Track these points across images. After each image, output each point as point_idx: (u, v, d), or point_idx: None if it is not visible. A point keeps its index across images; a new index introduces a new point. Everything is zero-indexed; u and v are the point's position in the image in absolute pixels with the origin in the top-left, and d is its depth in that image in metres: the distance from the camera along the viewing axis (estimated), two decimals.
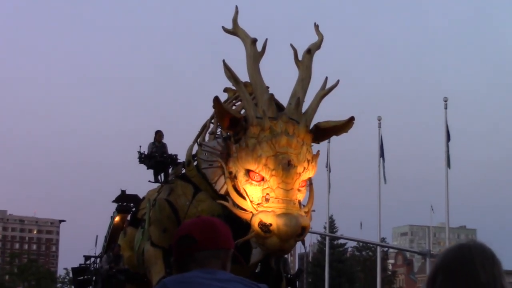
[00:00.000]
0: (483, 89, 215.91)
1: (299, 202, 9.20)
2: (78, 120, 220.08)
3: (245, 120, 9.26)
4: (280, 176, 8.86)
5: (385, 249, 59.99)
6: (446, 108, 32.12)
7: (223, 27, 10.44)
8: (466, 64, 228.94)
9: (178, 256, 3.19)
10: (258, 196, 8.88)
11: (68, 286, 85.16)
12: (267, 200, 8.83)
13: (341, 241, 64.39)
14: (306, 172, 9.23)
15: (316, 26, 10.50)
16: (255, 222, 8.81)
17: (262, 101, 9.44)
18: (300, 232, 8.78)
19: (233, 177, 9.16)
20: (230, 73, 9.61)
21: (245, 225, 9.78)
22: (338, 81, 9.98)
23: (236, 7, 10.31)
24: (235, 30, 10.31)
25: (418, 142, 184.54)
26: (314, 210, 9.57)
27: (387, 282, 68.39)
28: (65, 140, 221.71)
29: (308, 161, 9.24)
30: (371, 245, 61.44)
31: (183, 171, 10.64)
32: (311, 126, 9.49)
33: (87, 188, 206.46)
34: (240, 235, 9.73)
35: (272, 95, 9.66)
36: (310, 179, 9.62)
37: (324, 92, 9.82)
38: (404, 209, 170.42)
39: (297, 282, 12.94)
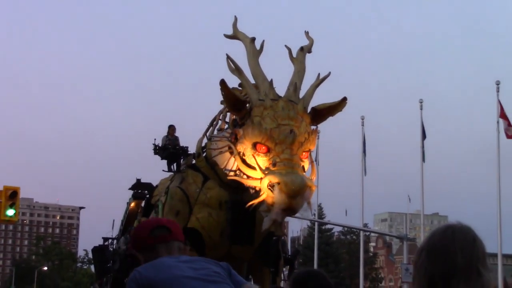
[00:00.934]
0: (455, 92, 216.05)
1: (303, 168, 8.92)
2: (98, 118, 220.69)
3: (250, 107, 9.03)
4: (284, 143, 8.60)
5: (367, 233, 59.68)
6: (421, 109, 32.02)
7: (224, 34, 10.28)
8: (440, 69, 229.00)
9: (152, 242, 3.19)
10: (266, 165, 8.62)
11: (87, 265, 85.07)
12: (274, 164, 8.54)
13: (328, 226, 64.44)
14: (307, 142, 8.94)
15: (306, 33, 10.37)
16: (264, 185, 8.48)
17: (263, 87, 9.25)
18: (306, 191, 8.40)
19: (241, 155, 8.92)
20: (233, 64, 9.41)
21: (251, 207, 9.63)
22: (329, 73, 9.74)
23: (235, 16, 10.18)
24: (235, 34, 10.12)
25: (397, 139, 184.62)
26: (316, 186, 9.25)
27: (369, 263, 68.37)
28: (85, 135, 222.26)
29: (308, 133, 8.98)
30: (354, 230, 61.42)
31: (193, 161, 10.48)
32: (309, 109, 9.27)
33: (105, 178, 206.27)
34: (245, 218, 9.58)
35: (271, 80, 9.47)
36: (311, 155, 9.29)
37: (318, 82, 9.61)
38: (384, 198, 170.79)
39: (294, 261, 12.83)
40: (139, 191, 12.66)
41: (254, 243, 9.60)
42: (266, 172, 8.47)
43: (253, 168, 8.74)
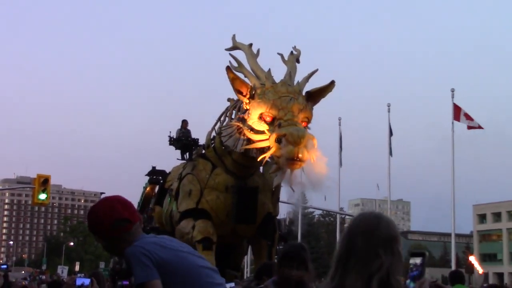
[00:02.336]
0: (418, 97, 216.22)
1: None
2: (119, 114, 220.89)
3: (253, 89, 8.67)
4: (286, 108, 8.22)
5: (343, 216, 59.80)
6: (389, 112, 31.95)
7: (225, 49, 9.87)
8: (405, 78, 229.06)
9: (117, 235, 2.70)
10: (272, 127, 8.20)
11: None
12: (279, 125, 8.13)
13: (310, 209, 64.48)
14: (305, 110, 8.51)
15: (294, 47, 10.09)
16: (272, 140, 8.03)
17: (263, 75, 8.95)
18: (309, 140, 7.93)
19: (250, 129, 8.46)
20: (235, 60, 9.11)
21: (253, 191, 9.41)
22: (317, 69, 9.33)
23: (233, 34, 9.77)
24: (234, 45, 9.80)
25: (368, 136, 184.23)
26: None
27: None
28: (107, 130, 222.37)
29: (305, 105, 8.56)
30: (332, 213, 61.38)
31: (203, 151, 10.26)
32: (303, 93, 8.90)
33: (123, 166, 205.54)
34: (248, 200, 9.36)
35: (269, 69, 9.15)
36: (308, 126, 8.76)
37: (308, 75, 9.18)
38: (357, 186, 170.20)
39: (287, 238, 12.66)
40: (154, 177, 12.41)
41: (256, 221, 9.40)
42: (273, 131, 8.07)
43: (261, 132, 8.32)
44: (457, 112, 28.21)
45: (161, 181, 12.09)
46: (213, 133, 10.04)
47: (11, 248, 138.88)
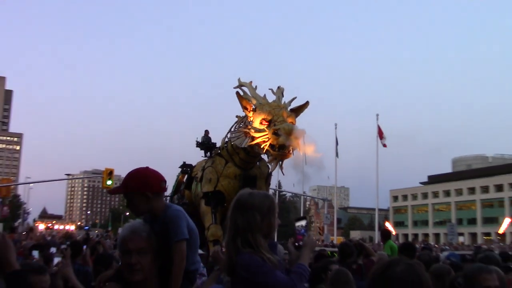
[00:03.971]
0: (354, 119, 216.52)
1: None
2: (165, 125, 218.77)
3: (254, 107, 8.38)
4: (279, 114, 7.76)
5: (305, 197, 59.62)
6: (336, 129, 31.90)
7: (233, 87, 9.02)
8: (351, 98, 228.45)
9: (162, 191, 2.35)
10: (270, 127, 7.69)
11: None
12: (274, 125, 7.62)
13: (283, 192, 64.02)
14: (291, 116, 7.91)
15: (278, 87, 9.64)
16: (270, 134, 7.51)
17: (261, 98, 8.65)
18: (297, 131, 7.30)
19: (254, 130, 7.94)
20: (242, 90, 8.83)
21: (253, 179, 9.09)
22: (295, 97, 8.48)
23: (239, 78, 9.00)
24: (239, 84, 9.44)
25: (321, 145, 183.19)
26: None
27: (305, 213, 68.20)
28: (159, 139, 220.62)
29: (291, 114, 7.98)
30: (299, 195, 61.08)
31: (219, 151, 9.98)
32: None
33: (165, 161, 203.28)
34: (251, 185, 8.97)
35: (264, 94, 8.86)
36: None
37: (290, 100, 8.33)
38: (315, 177, 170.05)
39: None
40: (185, 168, 12.13)
41: None
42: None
43: (262, 131, 7.87)
44: (380, 131, 28.56)
45: (189, 171, 11.77)
46: (226, 139, 9.76)
47: (88, 216, 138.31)
